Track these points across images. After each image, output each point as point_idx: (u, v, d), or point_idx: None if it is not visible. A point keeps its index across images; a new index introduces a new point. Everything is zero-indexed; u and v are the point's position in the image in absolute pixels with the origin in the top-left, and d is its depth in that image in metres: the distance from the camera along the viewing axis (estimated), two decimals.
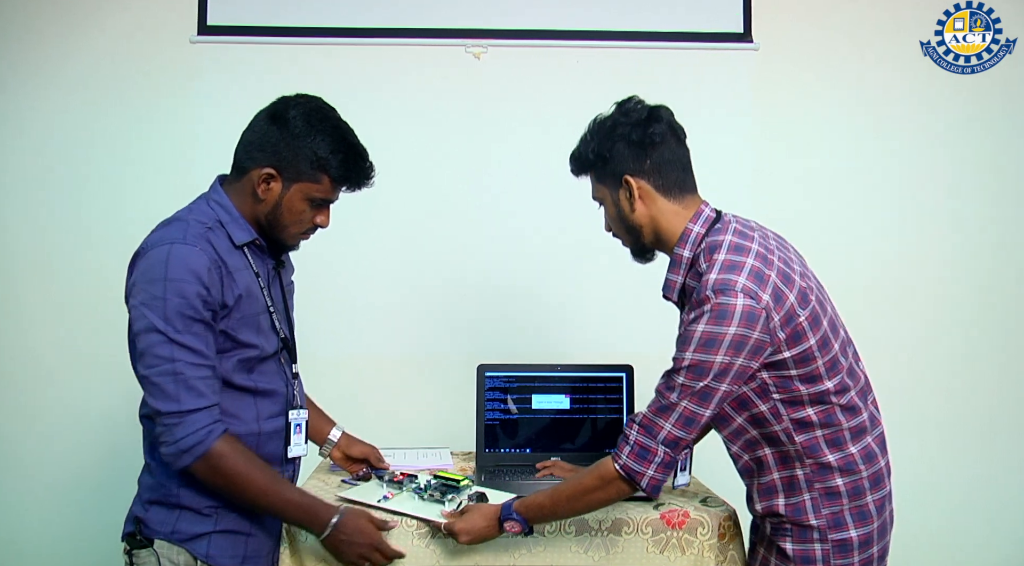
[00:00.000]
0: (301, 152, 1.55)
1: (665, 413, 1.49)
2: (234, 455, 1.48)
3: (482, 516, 1.64)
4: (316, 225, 1.64)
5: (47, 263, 2.83)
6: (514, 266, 2.88)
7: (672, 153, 1.61)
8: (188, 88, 2.82)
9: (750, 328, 1.43)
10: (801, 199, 2.89)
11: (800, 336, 1.49)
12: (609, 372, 2.12)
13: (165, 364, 1.44)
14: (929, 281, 2.91)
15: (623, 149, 1.61)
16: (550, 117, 2.88)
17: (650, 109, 1.62)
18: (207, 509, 1.54)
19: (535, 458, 2.06)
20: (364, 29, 2.84)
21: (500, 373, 2.11)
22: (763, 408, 1.53)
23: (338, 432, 1.96)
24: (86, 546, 2.78)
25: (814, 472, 1.54)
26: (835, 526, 1.53)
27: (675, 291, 1.62)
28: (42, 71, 2.83)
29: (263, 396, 1.62)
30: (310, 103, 1.60)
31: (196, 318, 1.46)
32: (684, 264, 1.59)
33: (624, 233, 1.68)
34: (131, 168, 2.83)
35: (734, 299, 1.43)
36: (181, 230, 1.51)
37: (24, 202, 2.83)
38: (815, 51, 2.91)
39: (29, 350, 2.84)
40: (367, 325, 2.86)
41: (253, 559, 1.60)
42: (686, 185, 1.63)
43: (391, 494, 1.76)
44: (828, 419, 1.53)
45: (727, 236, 1.55)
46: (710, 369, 1.45)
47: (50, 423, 2.82)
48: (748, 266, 1.48)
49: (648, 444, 1.50)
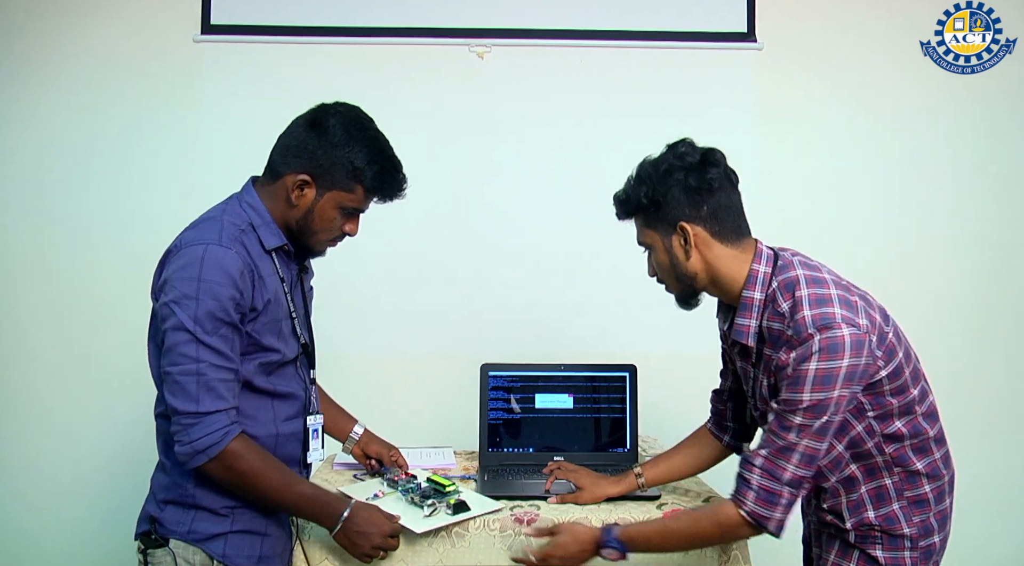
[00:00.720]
0: (338, 161, 1.55)
1: (786, 454, 1.46)
2: (249, 454, 1.49)
3: (576, 541, 1.60)
4: (345, 233, 1.65)
5: (48, 262, 2.84)
6: (517, 265, 2.88)
7: (728, 199, 1.56)
8: (191, 87, 2.82)
9: (860, 356, 1.42)
10: (803, 198, 2.90)
11: (892, 351, 1.50)
12: (612, 372, 2.12)
13: (189, 364, 1.44)
14: (929, 281, 2.91)
15: (679, 194, 1.55)
16: (554, 116, 2.88)
17: (703, 152, 1.57)
18: (224, 509, 1.54)
19: (538, 457, 2.07)
20: (367, 28, 2.85)
21: (503, 373, 2.12)
22: (859, 428, 1.52)
23: (360, 428, 1.99)
24: (96, 545, 2.80)
25: (902, 480, 1.54)
26: (924, 534, 1.54)
27: (750, 335, 1.56)
28: (45, 71, 2.84)
29: (281, 399, 1.62)
30: (350, 112, 1.60)
31: (225, 321, 1.46)
32: (757, 306, 1.54)
33: (673, 281, 1.63)
34: (134, 167, 2.83)
35: (840, 331, 1.41)
36: (216, 231, 1.51)
37: (26, 201, 2.84)
38: (817, 51, 2.91)
39: (31, 349, 2.86)
40: (371, 324, 2.87)
41: (268, 559, 1.61)
42: (742, 230, 1.58)
43: (381, 493, 1.78)
44: (915, 428, 1.53)
45: (798, 271, 1.52)
46: (828, 405, 1.42)
47: (56, 423, 2.83)
48: (836, 295, 1.47)
49: (773, 487, 1.47)
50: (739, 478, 1.52)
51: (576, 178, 2.89)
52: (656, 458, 1.89)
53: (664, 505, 1.80)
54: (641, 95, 2.89)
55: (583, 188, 2.89)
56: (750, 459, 1.51)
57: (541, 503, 1.79)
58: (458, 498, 1.71)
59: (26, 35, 2.83)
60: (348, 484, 1.89)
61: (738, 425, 1.82)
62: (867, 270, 2.85)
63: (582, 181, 2.89)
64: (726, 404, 1.83)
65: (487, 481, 1.93)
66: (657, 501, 1.82)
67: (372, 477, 1.92)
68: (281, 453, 1.61)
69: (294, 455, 1.66)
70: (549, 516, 1.72)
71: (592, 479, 1.85)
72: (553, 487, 1.85)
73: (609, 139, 2.88)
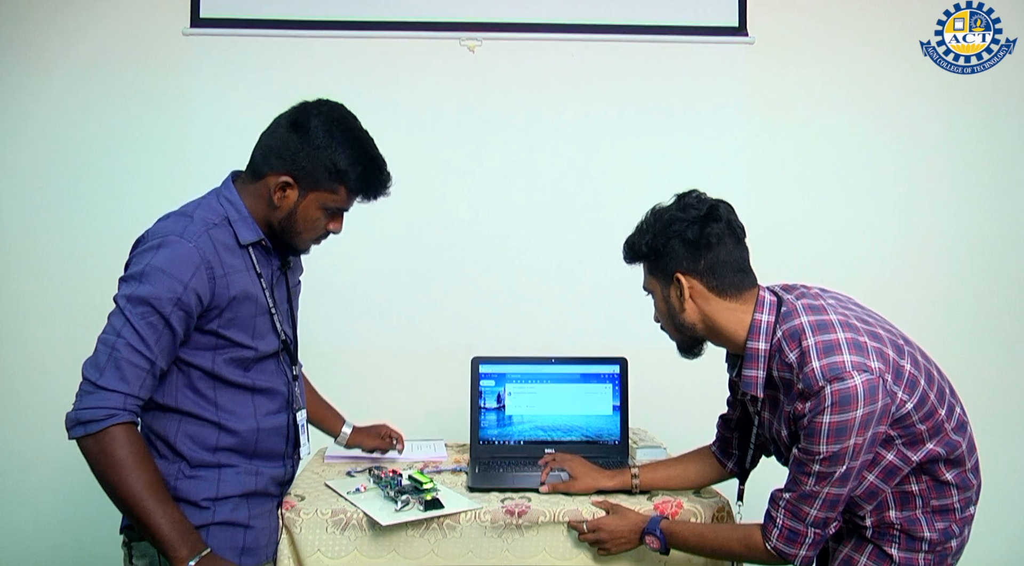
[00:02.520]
0: (320, 163, 1.54)
1: (809, 500, 1.47)
2: (127, 446, 1.41)
3: (627, 522, 1.69)
4: (329, 231, 1.64)
5: (39, 256, 2.83)
6: (507, 258, 2.88)
7: (728, 254, 1.56)
8: (181, 81, 2.82)
9: (874, 400, 1.41)
10: (797, 199, 2.89)
11: (914, 382, 1.48)
12: (603, 364, 2.12)
13: (110, 334, 1.44)
14: (928, 281, 2.91)
15: (677, 246, 1.55)
16: (545, 110, 2.88)
17: (709, 206, 1.56)
18: (204, 502, 1.54)
19: (529, 450, 2.07)
20: (357, 22, 2.84)
21: (495, 365, 2.12)
22: (889, 456, 1.50)
23: (348, 429, 2.03)
24: (82, 538, 2.79)
25: (930, 489, 1.52)
26: (943, 539, 1.53)
27: (758, 386, 1.55)
28: (35, 65, 2.82)
29: (261, 393, 1.61)
30: (332, 112, 1.58)
31: (158, 310, 1.44)
32: (763, 357, 1.53)
33: (673, 329, 1.64)
34: (123, 161, 2.82)
35: (850, 380, 1.40)
36: (182, 225, 1.50)
37: (14, 196, 2.82)
38: (810, 46, 2.91)
39: (22, 342, 2.85)
40: (361, 318, 2.87)
41: (252, 551, 1.60)
42: (743, 285, 1.57)
43: (364, 487, 1.80)
44: (948, 444, 1.50)
45: (802, 318, 1.50)
46: (845, 454, 1.42)
47: (44, 418, 2.81)
48: (843, 340, 1.45)
49: (797, 527, 1.50)
50: (767, 513, 1.55)
51: (567, 172, 2.89)
52: (655, 463, 1.90)
53: (655, 496, 1.81)
54: (632, 89, 2.89)
55: (574, 181, 2.89)
56: (776, 497, 1.53)
57: (532, 495, 1.79)
58: (434, 495, 1.71)
59: (15, 27, 2.81)
60: (338, 478, 1.90)
61: (743, 453, 1.81)
62: (862, 270, 2.88)
63: (573, 174, 2.89)
64: (732, 432, 1.82)
65: (478, 473, 1.93)
66: (649, 492, 1.83)
67: (367, 474, 1.91)
68: (262, 447, 1.61)
69: (276, 449, 1.66)
70: (540, 508, 1.73)
71: (586, 469, 1.86)
72: (549, 477, 1.85)
73: (600, 133, 2.88)
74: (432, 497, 1.70)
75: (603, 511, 1.74)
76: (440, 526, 1.69)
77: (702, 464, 1.86)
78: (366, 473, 1.91)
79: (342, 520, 1.68)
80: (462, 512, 1.71)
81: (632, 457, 2.05)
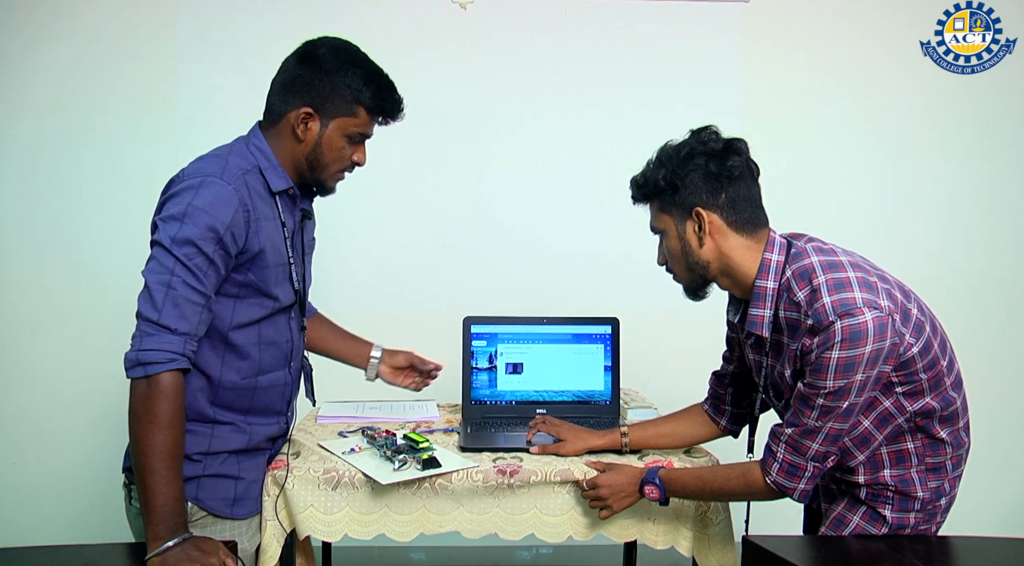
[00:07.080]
0: (336, 87, 1.57)
1: (811, 435, 1.48)
2: (171, 400, 1.40)
3: (625, 475, 1.69)
4: (354, 163, 1.66)
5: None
6: (500, 219, 2.87)
7: (747, 189, 1.55)
8: (171, 35, 2.77)
9: (883, 338, 1.41)
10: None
11: (920, 326, 1.49)
12: (595, 325, 2.12)
13: (164, 273, 1.43)
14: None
15: (698, 180, 1.53)
16: (538, 68, 2.85)
17: (727, 141, 1.55)
18: (196, 455, 1.55)
19: (521, 410, 2.08)
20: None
21: (486, 326, 2.12)
22: (886, 404, 1.51)
23: (379, 351, 2.04)
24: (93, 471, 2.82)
25: (924, 447, 1.54)
26: (934, 498, 1.55)
27: (764, 325, 1.55)
28: (23, 27, 2.77)
29: (267, 346, 1.62)
30: (336, 41, 1.62)
31: (203, 250, 1.45)
32: (771, 296, 1.53)
33: (684, 269, 1.61)
34: (114, 119, 2.80)
35: (860, 316, 1.40)
36: (220, 166, 1.51)
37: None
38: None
39: (18, 313, 2.85)
40: (354, 279, 2.86)
41: (243, 501, 1.62)
42: (758, 221, 1.56)
43: (359, 448, 1.80)
44: (944, 400, 1.52)
45: (812, 258, 1.50)
46: (851, 389, 1.43)
47: (56, 381, 2.87)
48: (855, 278, 1.45)
49: (797, 462, 1.51)
50: (767, 447, 1.56)
51: (561, 131, 2.87)
52: (644, 423, 1.90)
53: (646, 455, 1.82)
54: (626, 48, 2.86)
55: (568, 141, 2.87)
56: (777, 432, 1.54)
57: (524, 455, 1.80)
58: (431, 454, 1.72)
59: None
60: (331, 439, 1.90)
61: (736, 409, 1.82)
62: None
63: (566, 134, 2.87)
64: (726, 388, 1.83)
65: (470, 434, 1.94)
66: (640, 452, 1.84)
67: (360, 434, 1.91)
68: (261, 402, 1.63)
69: (274, 406, 1.67)
70: (532, 467, 1.74)
71: (575, 431, 1.86)
72: (535, 438, 1.86)
73: (593, 92, 2.85)
74: (429, 456, 1.71)
75: (597, 472, 1.74)
76: (432, 486, 1.70)
77: (693, 422, 1.87)
78: (359, 434, 1.92)
79: (334, 478, 1.69)
80: (454, 472, 1.72)
81: (623, 418, 2.06)
